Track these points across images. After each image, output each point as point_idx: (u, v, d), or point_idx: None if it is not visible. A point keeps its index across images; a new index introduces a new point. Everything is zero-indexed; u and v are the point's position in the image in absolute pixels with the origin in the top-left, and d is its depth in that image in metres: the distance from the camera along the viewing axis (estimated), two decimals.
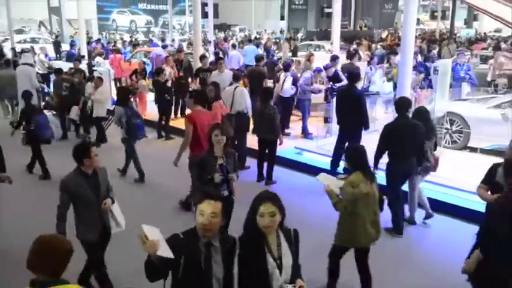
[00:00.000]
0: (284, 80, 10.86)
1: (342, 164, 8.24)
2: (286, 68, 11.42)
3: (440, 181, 7.68)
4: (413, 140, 6.27)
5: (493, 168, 4.71)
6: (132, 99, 10.98)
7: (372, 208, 4.67)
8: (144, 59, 17.37)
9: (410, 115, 6.65)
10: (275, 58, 18.50)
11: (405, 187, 6.76)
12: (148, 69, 15.84)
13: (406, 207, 6.84)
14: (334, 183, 4.78)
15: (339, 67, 12.01)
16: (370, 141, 7.21)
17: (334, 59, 11.90)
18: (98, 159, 4.60)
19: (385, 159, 6.55)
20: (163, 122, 11.52)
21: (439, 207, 7.13)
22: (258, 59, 12.48)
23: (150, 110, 12.94)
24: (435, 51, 19.09)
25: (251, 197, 5.29)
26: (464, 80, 12.59)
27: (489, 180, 4.64)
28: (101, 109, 10.68)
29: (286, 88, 10.78)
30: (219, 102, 7.88)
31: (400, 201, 6.56)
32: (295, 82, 10.82)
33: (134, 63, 16.62)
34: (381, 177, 6.11)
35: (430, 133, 6.54)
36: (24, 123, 8.76)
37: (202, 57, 12.04)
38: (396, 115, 6.74)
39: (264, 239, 3.09)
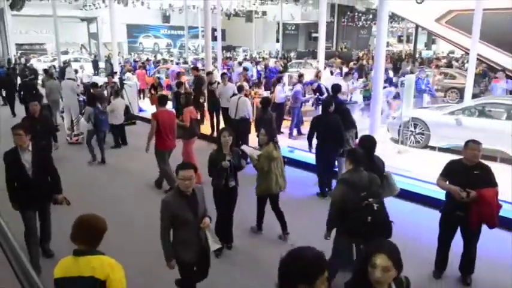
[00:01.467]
0: (278, 90, 11.13)
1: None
2: (279, 80, 11.63)
3: (405, 173, 7.68)
4: (331, 128, 7.01)
5: (450, 164, 4.66)
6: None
7: (280, 167, 5.58)
8: (157, 75, 17.49)
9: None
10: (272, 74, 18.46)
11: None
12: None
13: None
14: (254, 152, 5.55)
15: (323, 81, 11.99)
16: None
17: (317, 74, 11.94)
18: None
19: None
20: None
21: (404, 194, 7.10)
22: None
23: None
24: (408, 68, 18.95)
25: (251, 188, 5.29)
26: (424, 92, 12.56)
27: (446, 173, 4.59)
28: (114, 118, 10.35)
29: (279, 96, 11.07)
30: (189, 108, 7.89)
31: (324, 173, 7.33)
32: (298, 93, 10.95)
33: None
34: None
35: (350, 126, 7.37)
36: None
37: (209, 73, 11.96)
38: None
39: None
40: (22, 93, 14.04)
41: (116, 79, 14.58)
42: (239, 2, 36.58)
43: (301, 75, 11.72)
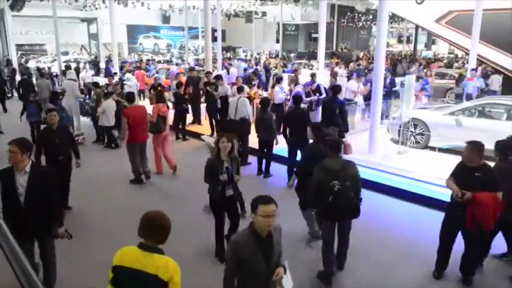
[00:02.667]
0: (276, 90, 11.16)
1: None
2: (278, 80, 11.61)
3: (405, 174, 7.68)
4: (300, 123, 7.45)
5: (457, 164, 4.63)
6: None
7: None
8: (156, 75, 17.50)
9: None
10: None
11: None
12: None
13: None
14: (211, 140, 6.45)
15: (320, 81, 12.05)
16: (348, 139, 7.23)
17: (312, 76, 12.04)
18: None
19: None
20: (179, 126, 11.45)
21: (404, 194, 7.11)
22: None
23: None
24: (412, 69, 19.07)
25: (252, 187, 5.28)
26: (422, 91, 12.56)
27: (454, 173, 4.56)
28: (105, 119, 10.30)
29: (278, 96, 11.09)
30: (159, 105, 8.44)
31: (293, 165, 7.38)
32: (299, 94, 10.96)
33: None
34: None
35: (332, 123, 7.54)
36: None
37: (208, 73, 11.97)
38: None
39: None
40: (21, 89, 14.59)
41: (116, 80, 14.58)
42: (239, 2, 36.53)
43: (313, 75, 11.74)
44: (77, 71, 19.94)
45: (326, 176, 4.36)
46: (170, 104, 11.17)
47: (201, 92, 12.17)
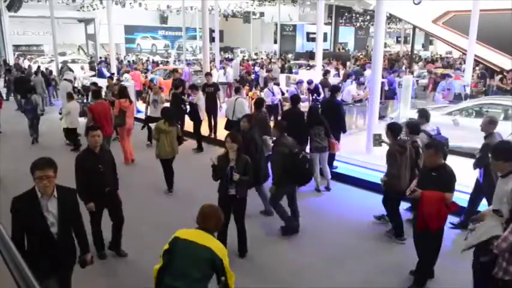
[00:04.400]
0: (266, 92, 11.28)
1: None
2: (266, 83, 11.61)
3: None
4: (297, 122, 7.30)
5: None
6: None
7: (170, 139, 7.17)
8: (151, 76, 17.64)
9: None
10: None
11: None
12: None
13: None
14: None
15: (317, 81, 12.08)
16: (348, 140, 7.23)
17: (325, 73, 12.09)
18: None
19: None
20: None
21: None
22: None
23: None
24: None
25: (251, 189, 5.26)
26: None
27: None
28: (69, 121, 10.21)
29: (266, 99, 11.01)
30: (121, 100, 9.06)
31: None
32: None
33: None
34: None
35: (318, 123, 7.37)
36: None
37: (208, 74, 11.92)
38: None
39: None
40: (16, 87, 15.67)
41: (114, 81, 14.54)
42: (237, 3, 36.54)
43: (327, 72, 11.80)
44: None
45: (290, 152, 5.56)
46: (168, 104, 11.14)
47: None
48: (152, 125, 8.85)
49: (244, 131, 6.14)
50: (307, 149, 7.38)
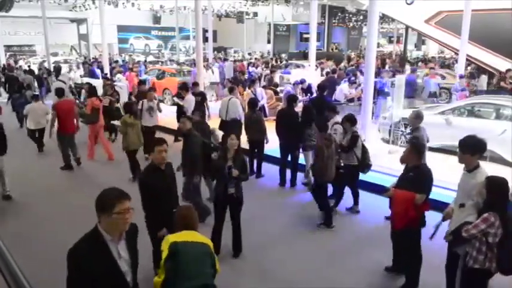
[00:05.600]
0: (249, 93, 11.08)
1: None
2: (253, 83, 11.42)
3: (396, 173, 7.66)
4: (291, 123, 7.49)
5: None
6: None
7: (136, 131, 7.86)
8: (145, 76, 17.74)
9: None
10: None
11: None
12: None
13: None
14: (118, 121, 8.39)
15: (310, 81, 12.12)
16: None
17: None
18: None
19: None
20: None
21: None
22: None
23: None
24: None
25: (244, 187, 5.28)
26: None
27: None
28: (31, 122, 10.05)
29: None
30: (92, 99, 9.55)
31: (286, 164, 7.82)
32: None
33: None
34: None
35: (311, 124, 7.34)
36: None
37: (195, 84, 11.28)
38: None
39: None
40: (7, 85, 16.73)
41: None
42: (230, 3, 36.51)
43: (334, 71, 11.75)
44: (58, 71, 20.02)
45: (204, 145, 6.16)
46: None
47: None
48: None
49: (184, 132, 6.19)
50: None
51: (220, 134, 6.95)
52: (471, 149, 3.82)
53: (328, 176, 6.01)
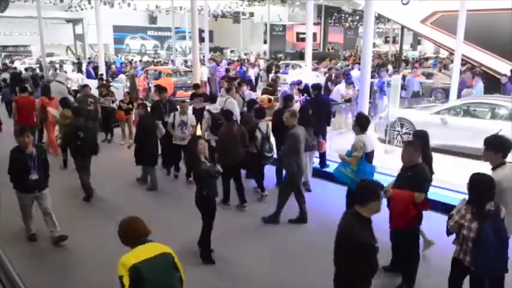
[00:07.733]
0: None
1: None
2: (239, 85, 11.01)
3: (392, 173, 7.66)
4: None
5: None
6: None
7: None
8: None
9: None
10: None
11: None
12: None
13: None
14: (55, 112, 9.14)
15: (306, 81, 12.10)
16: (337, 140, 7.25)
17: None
18: None
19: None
20: None
21: None
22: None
23: None
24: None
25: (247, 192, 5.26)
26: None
27: None
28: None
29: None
30: (42, 98, 10.24)
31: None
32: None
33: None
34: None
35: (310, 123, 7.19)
36: None
37: (196, 86, 11.28)
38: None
39: None
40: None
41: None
42: (226, 3, 36.50)
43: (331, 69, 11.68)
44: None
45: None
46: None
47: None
48: None
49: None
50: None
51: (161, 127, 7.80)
52: (495, 147, 3.92)
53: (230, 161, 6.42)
